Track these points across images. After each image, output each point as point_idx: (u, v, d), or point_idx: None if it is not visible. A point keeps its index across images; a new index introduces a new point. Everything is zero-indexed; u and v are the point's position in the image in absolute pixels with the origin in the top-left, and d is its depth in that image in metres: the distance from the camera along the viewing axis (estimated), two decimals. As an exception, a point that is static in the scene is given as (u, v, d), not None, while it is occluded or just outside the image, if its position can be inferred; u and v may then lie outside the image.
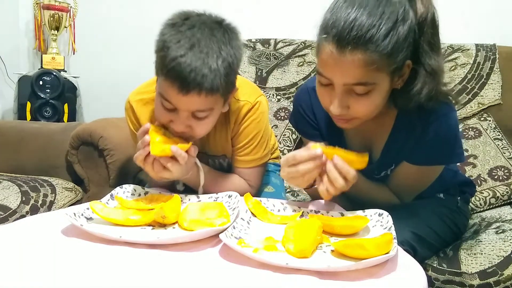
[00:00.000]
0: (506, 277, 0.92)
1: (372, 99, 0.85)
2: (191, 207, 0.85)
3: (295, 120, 1.10)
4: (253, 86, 1.12)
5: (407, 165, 0.97)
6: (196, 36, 0.86)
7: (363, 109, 0.86)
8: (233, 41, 0.91)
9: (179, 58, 0.84)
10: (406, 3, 0.83)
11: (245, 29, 1.96)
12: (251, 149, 1.06)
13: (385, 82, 0.84)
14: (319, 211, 0.90)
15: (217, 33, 0.89)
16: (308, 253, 0.68)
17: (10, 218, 1.23)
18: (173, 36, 0.86)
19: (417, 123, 0.91)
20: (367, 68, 0.80)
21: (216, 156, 1.10)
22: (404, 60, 0.84)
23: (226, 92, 0.93)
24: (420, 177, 1.00)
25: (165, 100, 0.90)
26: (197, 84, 0.85)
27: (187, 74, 0.84)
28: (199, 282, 0.61)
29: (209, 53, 0.86)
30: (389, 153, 0.99)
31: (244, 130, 1.04)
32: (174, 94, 0.87)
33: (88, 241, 0.71)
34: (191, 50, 0.85)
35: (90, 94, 2.26)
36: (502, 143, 1.47)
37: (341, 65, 0.81)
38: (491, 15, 1.79)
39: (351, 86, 0.83)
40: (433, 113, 0.90)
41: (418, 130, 0.91)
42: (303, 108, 1.05)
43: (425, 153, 0.94)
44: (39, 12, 2.15)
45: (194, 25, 0.88)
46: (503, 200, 1.35)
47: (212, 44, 0.87)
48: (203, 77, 0.84)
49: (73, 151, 1.47)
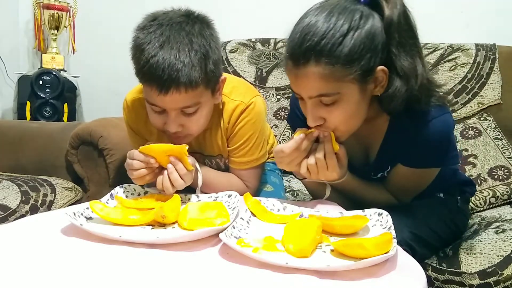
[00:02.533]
0: (506, 277, 0.92)
1: (342, 108, 0.84)
2: (190, 207, 0.85)
3: (292, 121, 1.09)
4: (248, 86, 1.12)
5: (402, 167, 0.97)
6: (165, 34, 0.86)
7: (337, 119, 0.85)
8: (204, 30, 0.91)
9: (151, 59, 0.85)
10: (363, 9, 0.81)
11: (245, 29, 1.98)
12: (246, 150, 1.05)
13: (352, 91, 0.83)
14: (319, 211, 0.90)
15: (185, 26, 0.89)
16: (307, 252, 0.68)
17: (9, 218, 1.23)
18: (143, 39, 0.87)
19: (409, 127, 0.90)
20: (324, 79, 0.80)
21: (213, 156, 1.10)
22: (371, 66, 0.82)
23: (209, 83, 0.92)
24: (416, 179, 0.99)
25: (151, 104, 0.91)
26: (173, 81, 0.85)
27: (161, 73, 0.84)
28: (198, 281, 0.61)
29: (180, 48, 0.86)
30: (385, 155, 0.99)
31: (239, 131, 1.04)
32: (156, 96, 0.88)
33: (88, 240, 0.71)
34: (162, 48, 0.85)
35: (90, 94, 2.26)
36: (502, 143, 1.47)
37: (300, 79, 0.82)
38: (491, 15, 1.79)
39: (316, 98, 0.83)
40: (424, 116, 0.89)
41: (410, 133, 0.90)
42: (298, 109, 1.04)
43: (419, 156, 0.93)
44: (39, 12, 2.15)
45: (162, 24, 0.88)
46: (503, 199, 1.35)
47: (182, 38, 0.87)
48: (178, 72, 0.84)
49: (73, 151, 1.46)
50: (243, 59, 1.87)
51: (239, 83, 1.11)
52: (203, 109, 0.94)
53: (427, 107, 0.89)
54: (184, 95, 0.87)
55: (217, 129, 1.04)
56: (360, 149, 1.03)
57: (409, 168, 0.96)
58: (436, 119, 0.89)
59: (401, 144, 0.93)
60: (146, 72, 0.86)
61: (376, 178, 1.04)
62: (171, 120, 0.91)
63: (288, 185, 1.54)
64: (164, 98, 0.87)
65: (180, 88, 0.86)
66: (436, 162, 0.96)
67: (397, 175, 0.99)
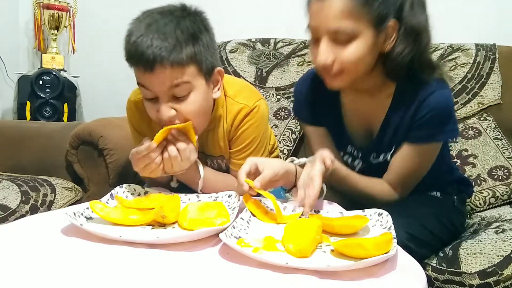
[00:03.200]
0: (506, 277, 0.92)
1: (356, 48, 0.89)
2: (190, 207, 0.85)
3: (297, 108, 1.15)
4: (252, 89, 1.11)
5: (406, 147, 0.99)
6: (153, 18, 0.88)
7: (347, 57, 0.89)
8: (195, 18, 0.91)
9: (137, 39, 0.86)
10: None
11: (245, 29, 1.98)
12: (248, 153, 1.05)
13: (368, 33, 0.89)
14: (319, 211, 0.90)
15: (175, 11, 0.90)
16: (307, 252, 0.68)
17: (9, 218, 1.23)
18: (133, 27, 0.89)
19: (412, 99, 0.95)
20: (346, 14, 0.86)
21: (214, 156, 1.10)
22: (385, 13, 0.88)
23: (200, 66, 0.90)
24: (418, 160, 1.00)
25: (142, 86, 0.91)
26: (157, 57, 0.84)
27: (145, 50, 0.84)
28: (198, 281, 0.61)
29: (166, 28, 0.86)
30: (387, 131, 1.01)
31: (242, 134, 1.03)
32: (142, 76, 0.88)
33: (88, 240, 0.71)
34: (147, 29, 0.86)
35: (90, 94, 2.26)
36: (502, 143, 1.46)
37: (322, 11, 0.88)
38: (491, 15, 1.79)
39: (334, 34, 0.89)
40: (427, 88, 0.94)
41: (413, 105, 0.95)
42: (304, 94, 1.11)
43: (422, 129, 0.96)
44: (39, 12, 2.15)
45: (152, 12, 0.90)
46: (503, 199, 1.35)
47: (169, 21, 0.87)
48: (161, 49, 0.84)
49: (73, 151, 1.46)
50: (243, 59, 1.87)
51: (243, 85, 1.10)
52: (195, 93, 0.91)
53: (429, 78, 0.94)
54: (170, 72, 0.86)
55: (220, 130, 1.04)
56: (362, 128, 1.05)
57: (413, 146, 0.98)
58: (438, 91, 0.94)
59: (405, 118, 0.98)
60: (133, 54, 0.87)
61: (377, 163, 1.05)
62: (162, 104, 0.90)
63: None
64: (151, 77, 0.87)
65: (165, 65, 0.85)
66: (439, 135, 0.99)
67: (400, 156, 1.01)
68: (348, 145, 1.10)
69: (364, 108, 1.01)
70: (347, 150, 1.10)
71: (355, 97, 1.05)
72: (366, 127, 1.05)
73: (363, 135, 1.06)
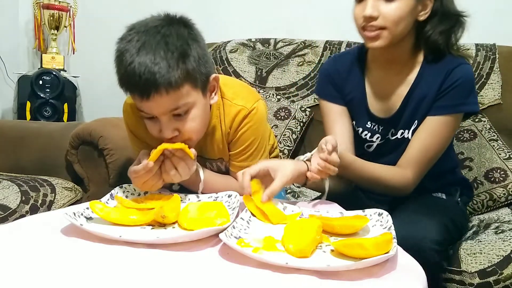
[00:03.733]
0: (505, 276, 0.92)
1: (399, 6, 0.98)
2: (191, 207, 0.85)
3: (320, 86, 1.22)
4: (250, 90, 1.10)
5: (429, 120, 1.05)
6: (141, 40, 0.85)
7: (391, 13, 0.98)
8: (180, 30, 0.89)
9: (129, 66, 0.84)
10: None
11: (245, 29, 1.98)
12: (248, 155, 1.05)
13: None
14: (319, 211, 0.90)
15: (161, 29, 0.87)
16: (307, 252, 0.68)
17: (9, 218, 1.23)
18: (122, 49, 0.87)
19: (439, 71, 1.04)
20: None
21: (213, 159, 1.09)
22: None
23: (194, 82, 0.89)
24: (439, 134, 1.05)
25: (141, 111, 0.91)
26: (152, 85, 0.83)
27: (138, 79, 0.83)
28: (198, 282, 0.61)
29: (155, 51, 0.84)
30: (408, 107, 1.08)
31: (241, 136, 1.03)
32: (140, 103, 0.87)
33: (88, 240, 0.71)
34: (138, 54, 0.84)
35: (90, 94, 2.26)
36: (497, 144, 1.46)
37: None
38: (491, 15, 1.79)
39: None
40: (453, 61, 1.05)
41: (441, 76, 1.04)
42: (329, 73, 1.18)
43: (448, 99, 1.03)
44: (39, 12, 2.15)
45: (138, 31, 0.87)
46: (501, 202, 1.35)
47: (157, 42, 0.85)
48: (155, 75, 0.83)
49: (73, 151, 1.46)
50: (243, 59, 1.87)
51: (241, 86, 1.10)
52: (195, 110, 0.91)
53: (455, 53, 1.06)
54: (167, 97, 0.85)
55: (218, 132, 1.04)
56: (383, 105, 1.11)
57: (436, 117, 1.04)
58: (463, 65, 1.05)
59: (430, 91, 1.05)
60: (126, 81, 0.86)
61: (394, 140, 1.10)
62: (164, 125, 0.90)
63: (288, 186, 1.54)
64: (148, 104, 0.86)
65: (161, 91, 0.84)
66: (464, 105, 1.05)
67: (421, 130, 1.06)
68: (368, 121, 1.14)
69: (388, 85, 1.10)
70: (366, 125, 1.15)
71: (380, 74, 1.12)
72: (388, 104, 1.11)
73: (384, 111, 1.12)
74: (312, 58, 1.80)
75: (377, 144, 1.14)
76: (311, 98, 1.76)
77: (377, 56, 1.11)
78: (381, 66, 1.12)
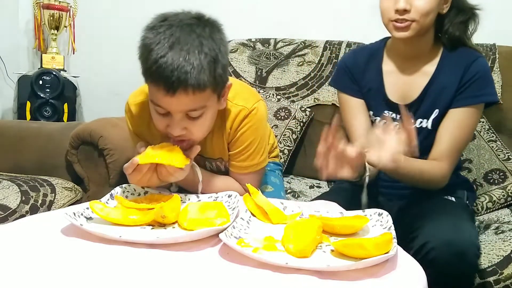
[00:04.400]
0: (506, 276, 0.92)
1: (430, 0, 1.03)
2: (190, 207, 0.85)
3: (337, 78, 1.25)
4: (251, 91, 1.11)
5: (455, 112, 1.09)
6: (175, 35, 0.85)
7: (423, 6, 1.03)
8: (214, 34, 0.89)
9: (160, 59, 0.83)
10: None
11: (245, 29, 1.98)
12: (247, 155, 1.05)
13: None
14: (319, 211, 0.90)
15: (196, 28, 0.87)
16: (307, 252, 0.68)
17: (9, 218, 1.23)
18: (152, 38, 0.85)
19: (459, 63, 1.09)
20: None
21: (213, 159, 1.09)
22: None
23: (216, 87, 0.91)
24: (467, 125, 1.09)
25: (156, 105, 0.90)
26: (181, 83, 0.83)
27: (169, 74, 0.82)
28: (198, 282, 0.61)
29: (190, 49, 0.84)
30: (427, 97, 1.12)
31: (241, 136, 1.03)
32: (162, 97, 0.86)
33: (88, 240, 0.71)
34: (171, 49, 0.83)
35: (90, 94, 2.26)
36: (496, 145, 1.46)
37: None
38: (491, 15, 1.78)
39: None
40: (473, 53, 1.11)
41: (461, 68, 1.09)
42: (347, 66, 1.22)
43: (471, 90, 1.08)
44: (39, 12, 2.15)
45: (172, 25, 0.86)
46: (500, 203, 1.35)
47: (192, 40, 0.85)
48: (187, 74, 0.83)
49: (73, 151, 1.46)
50: (243, 59, 1.87)
51: (241, 87, 1.10)
52: (208, 113, 0.92)
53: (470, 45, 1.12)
54: (191, 97, 0.86)
55: (219, 133, 1.04)
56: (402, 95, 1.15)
57: (462, 108, 1.08)
58: (480, 58, 1.11)
59: (451, 82, 1.09)
60: (154, 72, 0.84)
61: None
62: (175, 122, 0.90)
63: (289, 186, 1.54)
64: (171, 100, 0.86)
65: (188, 90, 0.84)
66: (485, 95, 1.09)
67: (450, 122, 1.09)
68: (386, 110, 1.17)
69: (406, 75, 1.14)
70: (384, 114, 1.17)
71: (399, 64, 1.16)
72: (406, 92, 1.15)
73: (402, 98, 1.15)
74: (312, 58, 1.80)
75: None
76: (311, 98, 1.76)
77: (399, 46, 1.15)
78: (401, 57, 1.16)
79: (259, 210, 0.87)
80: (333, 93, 1.73)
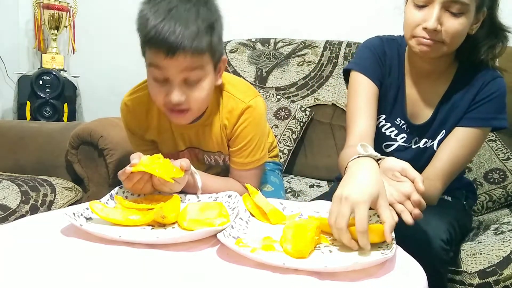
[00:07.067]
0: (505, 277, 0.92)
1: (463, 22, 0.93)
2: (190, 207, 0.85)
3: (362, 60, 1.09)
4: (249, 86, 1.11)
5: (459, 131, 1.02)
6: (172, 3, 0.87)
7: (455, 28, 0.93)
8: (210, 4, 0.92)
9: (159, 24, 0.85)
10: None
11: (245, 29, 1.98)
12: (248, 152, 1.05)
13: (472, 11, 0.94)
14: (318, 212, 0.89)
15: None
16: (305, 253, 0.68)
17: (9, 218, 1.23)
18: (150, 9, 0.88)
19: (475, 81, 1.02)
20: None
21: (212, 152, 1.10)
22: (483, 1, 0.96)
23: (213, 55, 0.93)
24: (469, 146, 1.02)
25: (155, 68, 0.90)
26: (180, 44, 0.85)
27: (168, 37, 0.85)
28: (198, 282, 0.61)
29: (188, 16, 0.87)
30: (440, 113, 1.05)
31: (241, 132, 1.03)
32: (162, 60, 0.88)
33: (88, 241, 0.71)
34: (169, 15, 0.86)
35: (90, 94, 2.26)
36: (496, 144, 1.46)
37: None
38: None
39: (449, 3, 0.92)
40: (490, 73, 1.02)
41: (476, 87, 1.01)
42: (377, 50, 1.09)
43: (481, 111, 1.01)
44: (39, 12, 2.15)
45: None
46: (500, 203, 1.35)
47: (189, 8, 0.88)
48: (185, 37, 0.85)
49: (73, 151, 1.47)
50: (243, 59, 1.87)
51: (240, 81, 1.11)
52: (205, 81, 0.93)
53: (491, 65, 1.03)
54: (190, 59, 0.87)
55: (216, 124, 1.04)
56: (415, 107, 1.08)
57: (467, 129, 1.01)
58: (499, 78, 1.02)
59: (462, 100, 1.02)
60: (154, 37, 0.86)
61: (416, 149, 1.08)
62: (175, 88, 0.91)
63: (288, 186, 1.54)
64: (169, 62, 0.87)
65: (187, 52, 0.86)
66: (494, 120, 1.02)
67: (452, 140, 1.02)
68: (398, 118, 1.10)
69: (420, 92, 1.07)
70: (395, 121, 1.11)
71: (415, 79, 1.08)
72: (419, 111, 1.08)
73: (415, 117, 1.09)
74: (312, 58, 1.80)
75: (396, 147, 1.10)
76: (311, 98, 1.76)
77: (415, 60, 1.06)
78: (415, 70, 1.08)
79: (258, 210, 0.87)
80: (333, 93, 1.73)
